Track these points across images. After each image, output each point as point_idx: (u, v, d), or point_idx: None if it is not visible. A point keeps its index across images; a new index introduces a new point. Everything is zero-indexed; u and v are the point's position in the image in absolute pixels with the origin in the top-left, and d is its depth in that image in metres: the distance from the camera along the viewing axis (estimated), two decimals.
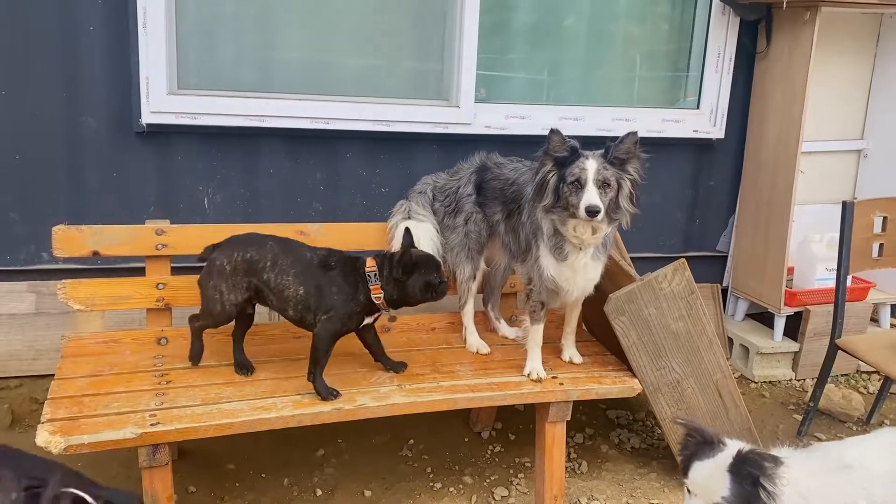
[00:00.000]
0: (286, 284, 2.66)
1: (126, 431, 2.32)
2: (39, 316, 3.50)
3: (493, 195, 3.08)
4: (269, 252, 2.69)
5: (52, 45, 3.31)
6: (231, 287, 2.67)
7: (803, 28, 3.86)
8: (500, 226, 3.08)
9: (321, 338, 2.63)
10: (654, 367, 2.99)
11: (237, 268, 2.67)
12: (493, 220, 3.09)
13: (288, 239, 2.79)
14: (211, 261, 2.70)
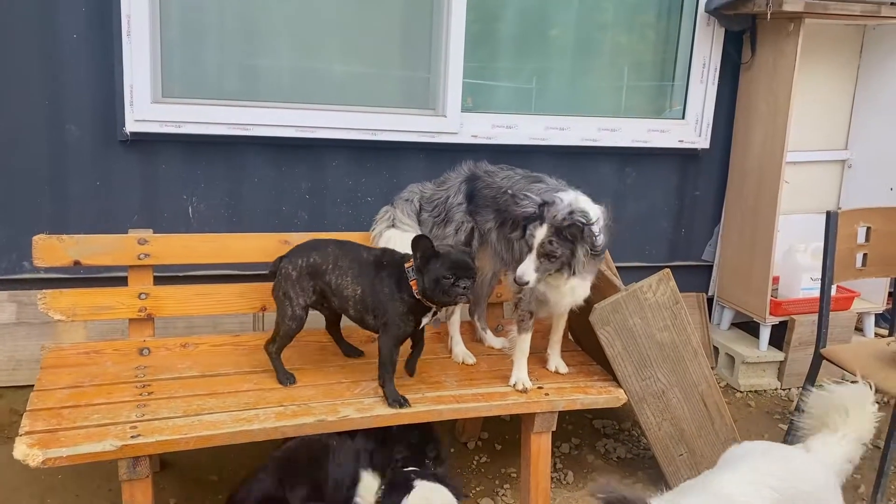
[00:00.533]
0: (345, 285, 2.75)
1: (106, 444, 2.29)
2: (20, 326, 3.46)
3: (486, 203, 3.06)
4: (331, 255, 2.78)
5: (34, 52, 3.28)
6: (299, 292, 2.75)
7: (787, 39, 3.89)
8: (491, 234, 3.06)
9: (384, 344, 2.71)
10: (639, 377, 2.99)
11: (302, 273, 2.76)
12: (485, 229, 3.07)
13: (347, 241, 2.88)
14: (280, 270, 2.79)
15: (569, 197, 2.70)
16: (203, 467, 3.18)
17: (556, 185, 2.92)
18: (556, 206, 2.64)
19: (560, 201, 2.66)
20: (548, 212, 2.63)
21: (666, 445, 3.13)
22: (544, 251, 2.63)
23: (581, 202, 2.69)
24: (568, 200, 2.67)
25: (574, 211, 2.63)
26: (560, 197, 2.68)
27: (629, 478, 3.36)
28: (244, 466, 3.20)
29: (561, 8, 4.07)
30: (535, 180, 2.99)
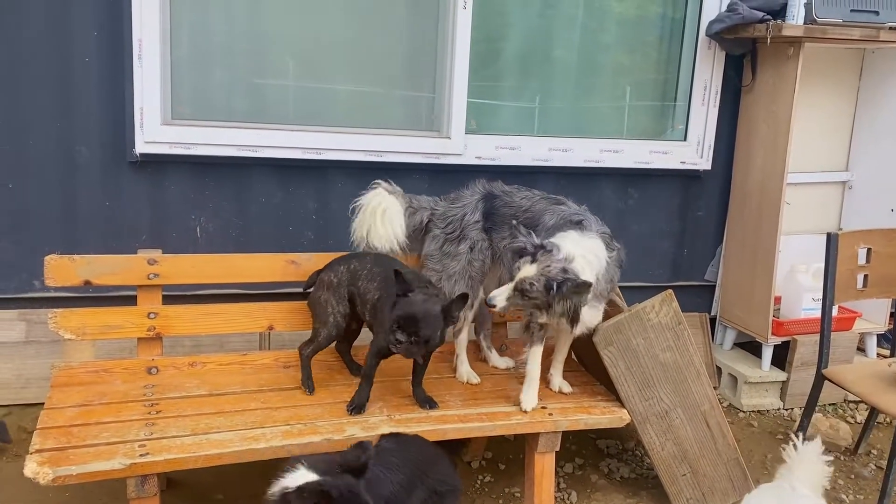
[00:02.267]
0: (370, 289, 2.85)
1: (115, 462, 2.32)
2: (29, 344, 3.49)
3: (503, 221, 3.07)
4: (368, 262, 2.91)
5: (47, 75, 3.34)
6: (338, 298, 2.85)
7: (787, 63, 3.95)
8: (507, 252, 3.08)
9: (368, 352, 2.80)
10: (642, 397, 3.01)
11: (342, 279, 2.88)
12: (500, 247, 3.09)
13: (387, 255, 3.00)
14: (320, 279, 2.93)
15: (570, 249, 2.66)
16: (208, 486, 3.20)
17: (575, 210, 2.96)
18: (552, 255, 2.63)
19: (557, 252, 2.64)
20: (542, 256, 2.64)
21: (669, 465, 3.14)
22: (521, 288, 2.65)
23: (578, 263, 2.65)
24: (566, 254, 2.65)
25: (567, 270, 2.62)
26: (560, 246, 2.66)
27: (633, 498, 3.37)
28: (249, 485, 3.22)
29: (564, 31, 4.13)
30: (557, 202, 3.04)
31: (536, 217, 3.02)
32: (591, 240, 2.78)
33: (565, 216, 2.93)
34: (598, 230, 2.87)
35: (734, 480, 3.23)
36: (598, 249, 2.77)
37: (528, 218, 3.04)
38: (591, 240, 2.78)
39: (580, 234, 2.78)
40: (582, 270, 2.65)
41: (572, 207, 3.00)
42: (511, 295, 2.67)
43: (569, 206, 3.00)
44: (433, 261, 3.21)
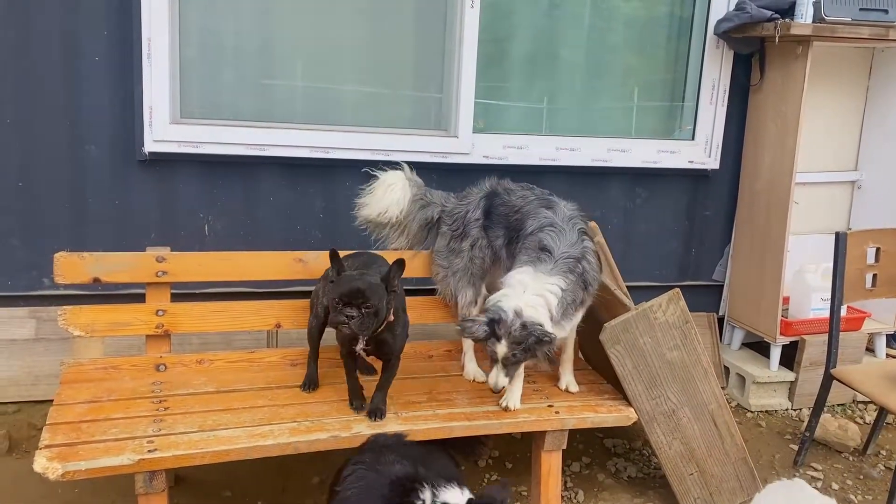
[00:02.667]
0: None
1: (123, 458, 2.33)
2: (39, 342, 3.51)
3: (499, 220, 3.12)
4: (363, 262, 2.89)
5: (57, 74, 3.36)
6: (325, 290, 2.80)
7: (796, 62, 3.94)
8: (502, 251, 3.11)
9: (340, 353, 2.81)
10: (649, 396, 3.01)
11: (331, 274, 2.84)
12: (496, 245, 3.12)
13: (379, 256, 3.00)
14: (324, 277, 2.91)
15: (514, 302, 2.72)
16: (216, 483, 3.21)
17: (563, 215, 2.96)
18: (505, 322, 2.69)
19: (505, 315, 2.69)
20: (500, 329, 2.69)
21: (676, 465, 3.14)
22: (507, 364, 2.73)
23: (527, 310, 2.71)
24: (513, 309, 2.70)
25: (526, 325, 2.69)
26: (504, 309, 2.70)
27: (640, 497, 3.36)
28: (257, 482, 3.24)
29: (571, 29, 4.13)
30: (546, 205, 3.03)
31: (522, 220, 3.04)
32: (540, 279, 2.79)
33: (543, 225, 2.94)
34: (561, 255, 2.85)
35: (742, 480, 3.22)
36: (546, 286, 2.78)
37: (517, 219, 3.06)
38: (540, 279, 2.79)
39: (533, 272, 2.81)
40: (536, 316, 2.72)
41: (558, 213, 2.98)
42: (506, 371, 2.75)
43: (554, 212, 2.98)
44: (440, 257, 3.25)
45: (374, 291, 2.53)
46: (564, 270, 2.82)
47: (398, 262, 2.61)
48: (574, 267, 2.84)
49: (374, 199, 3.26)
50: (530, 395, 3.00)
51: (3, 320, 3.48)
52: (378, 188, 3.27)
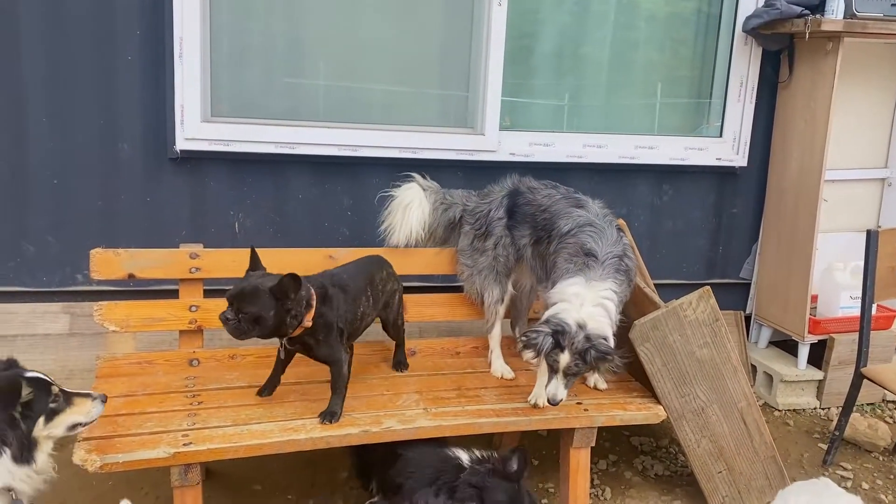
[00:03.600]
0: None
1: (159, 451, 2.38)
2: (73, 336, 3.57)
3: (524, 220, 3.12)
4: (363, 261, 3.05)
5: (90, 73, 3.42)
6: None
7: (826, 58, 3.90)
8: (526, 250, 3.12)
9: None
10: (678, 393, 3.01)
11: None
12: (521, 245, 3.13)
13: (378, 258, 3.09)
14: None
15: (575, 315, 2.71)
16: (246, 477, 3.25)
17: (590, 219, 2.95)
18: (568, 334, 2.68)
19: (569, 327, 2.68)
20: (564, 340, 2.68)
21: (705, 462, 3.13)
22: (570, 373, 2.72)
23: (590, 322, 2.70)
24: (576, 321, 2.69)
25: (589, 337, 2.68)
26: (567, 322, 2.69)
27: (667, 495, 3.36)
28: (286, 476, 3.28)
29: (598, 27, 4.13)
30: (576, 204, 3.03)
31: (553, 219, 3.03)
32: (596, 287, 2.78)
33: (581, 224, 2.93)
34: (606, 255, 2.84)
35: (771, 478, 3.20)
36: (601, 294, 2.78)
37: (545, 219, 3.06)
38: (596, 287, 2.78)
39: (585, 282, 2.79)
40: (600, 328, 2.72)
41: (591, 211, 2.99)
42: (565, 382, 2.73)
43: (587, 210, 2.99)
44: (465, 256, 3.26)
45: (255, 298, 2.44)
46: (613, 272, 2.82)
47: (292, 276, 2.48)
48: (620, 266, 2.85)
49: (396, 224, 3.27)
50: None
51: (37, 315, 3.54)
52: (396, 211, 3.28)
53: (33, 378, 2.20)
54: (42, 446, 2.22)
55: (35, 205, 3.46)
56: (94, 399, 2.29)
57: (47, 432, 2.21)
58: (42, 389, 2.20)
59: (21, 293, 3.52)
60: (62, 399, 2.24)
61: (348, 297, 2.73)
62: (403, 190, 3.33)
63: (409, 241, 3.29)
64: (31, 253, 3.49)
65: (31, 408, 2.16)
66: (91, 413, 2.28)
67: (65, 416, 2.24)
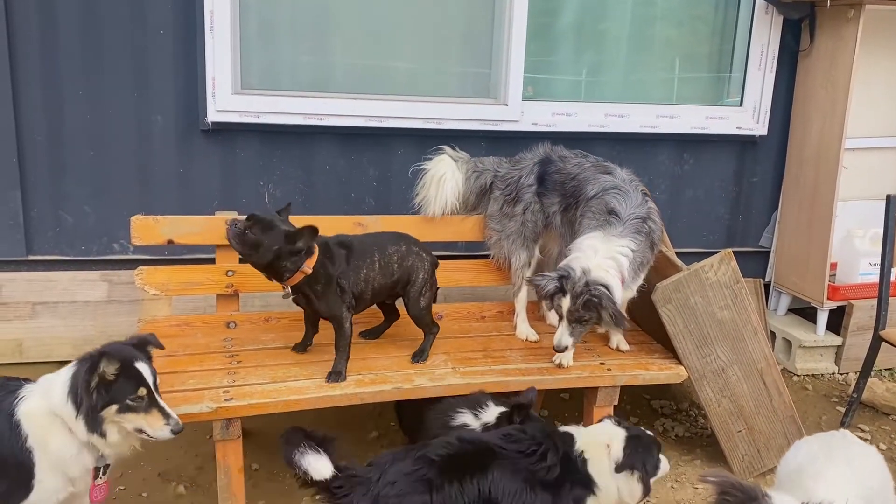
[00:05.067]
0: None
1: (202, 406, 2.49)
2: (111, 303, 3.70)
3: (553, 187, 3.20)
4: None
5: (124, 48, 3.51)
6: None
7: (847, 26, 3.92)
8: (556, 217, 3.20)
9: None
10: (699, 354, 3.08)
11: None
12: (550, 212, 3.21)
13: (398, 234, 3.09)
14: None
15: (584, 263, 2.79)
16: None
17: (617, 183, 3.02)
18: (571, 278, 2.77)
19: (573, 272, 2.77)
20: (567, 284, 2.76)
21: (725, 422, 3.21)
22: (573, 318, 2.80)
23: (596, 271, 2.77)
24: (582, 268, 2.77)
25: (589, 283, 2.75)
26: (573, 267, 2.78)
27: (687, 455, 3.45)
28: None
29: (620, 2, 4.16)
30: (604, 171, 3.11)
31: (581, 186, 3.10)
32: (613, 242, 2.86)
33: (606, 188, 3.00)
34: (629, 216, 2.91)
35: (789, 437, 3.27)
36: (617, 249, 2.85)
37: (574, 186, 3.13)
38: (613, 242, 2.86)
39: (603, 236, 2.87)
40: (604, 277, 2.78)
41: (618, 177, 3.05)
42: (570, 329, 2.82)
43: (614, 176, 3.05)
44: (494, 220, 3.35)
45: (269, 230, 2.63)
46: (633, 231, 2.89)
47: (310, 227, 2.66)
48: (641, 227, 2.92)
49: (432, 197, 3.36)
50: (582, 354, 3.09)
51: (77, 283, 3.67)
52: (430, 184, 3.37)
53: (125, 364, 2.19)
54: (112, 427, 2.20)
55: (72, 176, 3.58)
56: (168, 422, 2.24)
57: (117, 420, 2.20)
58: (128, 381, 2.18)
59: (61, 262, 3.65)
60: (144, 402, 2.20)
61: (352, 255, 2.82)
62: (435, 163, 3.40)
63: (444, 213, 3.38)
64: (69, 223, 3.62)
65: (109, 388, 2.16)
66: (157, 432, 2.24)
67: (136, 418, 2.21)
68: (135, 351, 2.27)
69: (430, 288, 3.01)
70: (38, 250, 3.61)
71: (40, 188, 3.55)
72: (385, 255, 2.91)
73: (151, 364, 2.28)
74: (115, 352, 2.21)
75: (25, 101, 3.45)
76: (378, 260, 2.89)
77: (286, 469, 3.15)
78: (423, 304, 2.98)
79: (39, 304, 3.62)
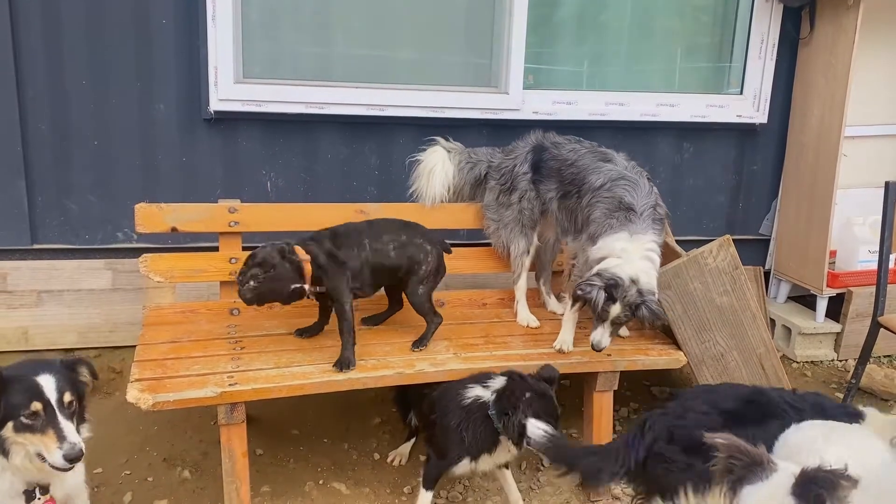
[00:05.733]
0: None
1: (207, 391, 2.53)
2: (116, 291, 3.73)
3: (549, 174, 3.21)
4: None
5: (127, 37, 3.53)
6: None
7: (847, 14, 3.93)
8: (552, 203, 3.22)
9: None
10: (698, 340, 3.11)
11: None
12: (546, 198, 3.23)
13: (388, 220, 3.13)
14: None
15: (628, 272, 2.80)
16: (284, 422, 3.41)
17: (621, 172, 3.02)
18: (622, 287, 2.78)
19: (622, 281, 2.78)
20: (617, 292, 2.78)
21: None
22: (618, 322, 2.85)
23: (642, 276, 2.80)
24: (630, 276, 2.79)
25: (641, 291, 2.78)
26: (619, 276, 2.79)
27: None
28: (322, 422, 3.44)
29: None
30: (603, 158, 3.11)
31: (582, 174, 3.10)
32: (640, 240, 2.88)
33: (613, 178, 3.01)
34: (644, 207, 2.92)
35: None
36: (646, 247, 2.87)
37: (572, 173, 3.14)
38: (640, 240, 2.88)
39: (629, 236, 2.89)
40: (649, 283, 2.82)
41: (619, 165, 3.06)
42: (611, 330, 2.86)
43: (615, 164, 3.06)
44: (490, 210, 3.37)
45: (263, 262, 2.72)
46: (651, 223, 2.91)
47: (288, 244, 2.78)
48: (655, 215, 2.94)
49: (423, 188, 3.40)
50: (583, 340, 3.11)
51: (82, 271, 3.70)
52: (422, 175, 3.41)
53: (17, 377, 1.99)
54: (17, 449, 2.00)
55: (77, 165, 3.60)
56: (60, 445, 1.97)
57: (20, 441, 2.00)
58: (22, 395, 1.97)
59: (66, 250, 3.67)
60: (41, 420, 1.98)
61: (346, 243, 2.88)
62: (428, 154, 3.44)
63: (434, 203, 3.41)
64: (74, 212, 3.64)
65: (5, 404, 1.96)
66: (51, 457, 1.98)
67: (34, 438, 1.99)
68: (47, 366, 2.06)
69: (432, 278, 3.02)
70: (43, 239, 3.64)
71: (45, 177, 3.58)
72: (380, 241, 2.92)
73: (72, 383, 2.08)
74: (15, 367, 2.06)
75: (30, 91, 3.47)
76: (371, 247, 2.90)
77: (290, 454, 3.22)
78: (423, 293, 2.98)
79: (45, 293, 3.65)
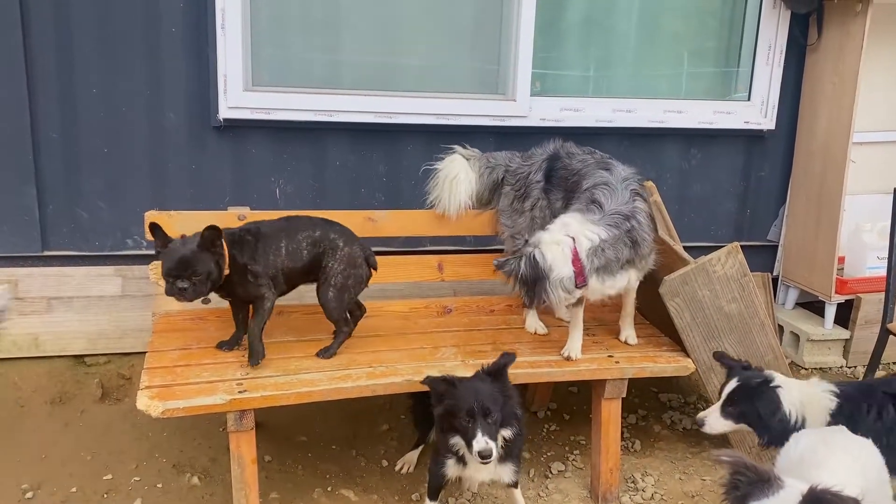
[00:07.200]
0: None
1: (216, 398, 2.54)
2: (125, 298, 3.75)
3: (558, 183, 3.23)
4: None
5: (137, 46, 3.55)
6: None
7: (855, 20, 3.93)
8: (560, 212, 3.22)
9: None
10: (707, 347, 3.11)
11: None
12: (555, 207, 3.24)
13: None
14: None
15: (542, 235, 2.87)
16: (293, 429, 3.42)
17: (618, 176, 3.03)
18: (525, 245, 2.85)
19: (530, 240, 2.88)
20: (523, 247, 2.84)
21: None
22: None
23: (547, 247, 2.82)
24: (537, 238, 2.87)
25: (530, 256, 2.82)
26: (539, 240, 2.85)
27: (695, 447, 3.48)
28: (330, 429, 3.45)
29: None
30: (604, 167, 3.12)
31: (579, 181, 3.12)
32: (585, 224, 2.87)
33: (597, 183, 3.02)
34: (612, 210, 2.91)
35: None
36: (585, 231, 2.85)
37: (574, 182, 3.16)
38: (585, 224, 2.87)
39: (581, 217, 2.89)
40: (550, 257, 2.79)
41: (614, 174, 3.05)
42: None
43: (611, 172, 3.06)
44: (504, 216, 3.38)
45: (200, 259, 2.65)
46: (609, 224, 2.88)
47: (211, 227, 2.68)
48: (621, 223, 2.89)
49: (444, 197, 3.40)
50: (590, 347, 3.13)
51: (92, 278, 3.71)
52: (443, 183, 3.40)
53: None
54: None
55: (87, 172, 3.62)
56: None
57: None
58: None
59: (76, 257, 3.70)
60: None
61: (259, 242, 2.84)
62: (448, 163, 3.43)
63: (458, 212, 3.41)
64: (84, 219, 3.66)
65: None
66: None
67: None
68: None
69: (343, 280, 2.88)
70: (53, 246, 3.66)
71: (55, 184, 3.60)
72: (294, 241, 2.87)
73: None
74: None
75: (41, 98, 3.49)
76: (287, 246, 2.86)
77: (298, 460, 3.23)
78: (332, 296, 2.87)
79: (55, 299, 3.67)
